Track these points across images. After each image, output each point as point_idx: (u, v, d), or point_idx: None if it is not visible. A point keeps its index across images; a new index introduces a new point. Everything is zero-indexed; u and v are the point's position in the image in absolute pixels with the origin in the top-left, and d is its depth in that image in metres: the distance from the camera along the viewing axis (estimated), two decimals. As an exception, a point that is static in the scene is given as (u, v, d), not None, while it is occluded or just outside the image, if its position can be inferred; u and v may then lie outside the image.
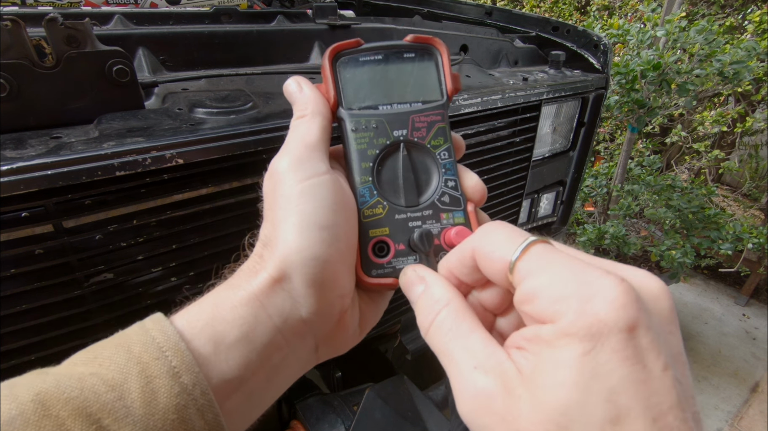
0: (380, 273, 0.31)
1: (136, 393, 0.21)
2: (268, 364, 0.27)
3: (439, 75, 0.35)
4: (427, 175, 0.33)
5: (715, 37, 1.59)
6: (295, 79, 0.34)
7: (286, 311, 0.27)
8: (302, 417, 0.67)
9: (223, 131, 0.42)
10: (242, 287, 0.27)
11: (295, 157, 0.29)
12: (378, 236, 0.31)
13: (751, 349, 2.22)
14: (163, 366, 0.23)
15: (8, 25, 0.35)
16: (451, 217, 0.32)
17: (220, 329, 0.25)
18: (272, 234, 0.28)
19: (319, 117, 0.31)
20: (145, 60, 0.55)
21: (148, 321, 0.25)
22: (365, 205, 0.31)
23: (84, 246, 0.41)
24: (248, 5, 0.89)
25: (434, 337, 0.25)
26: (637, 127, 1.83)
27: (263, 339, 0.26)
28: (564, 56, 0.85)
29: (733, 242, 1.84)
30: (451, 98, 0.35)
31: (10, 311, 0.38)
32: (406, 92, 0.34)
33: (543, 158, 0.89)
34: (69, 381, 0.21)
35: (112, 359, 0.23)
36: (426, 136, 0.33)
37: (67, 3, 0.75)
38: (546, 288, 0.21)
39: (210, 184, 0.45)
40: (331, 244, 0.28)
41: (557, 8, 3.42)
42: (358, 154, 0.32)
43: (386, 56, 0.34)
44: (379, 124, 0.33)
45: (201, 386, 0.23)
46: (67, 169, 0.35)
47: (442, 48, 0.35)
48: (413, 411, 0.70)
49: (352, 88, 0.33)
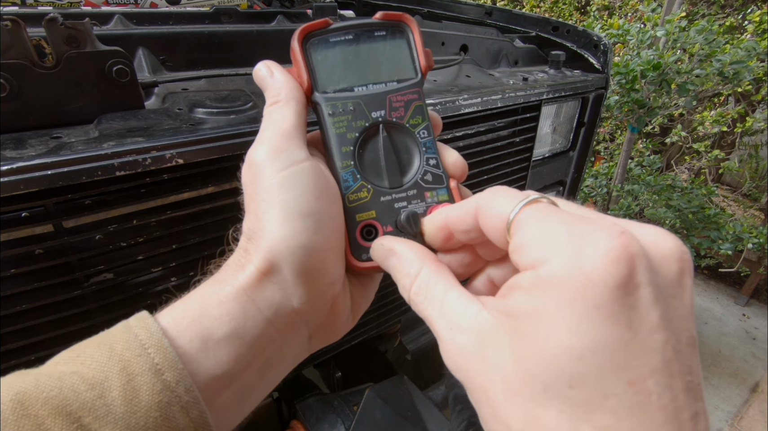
0: (370, 257, 0.31)
1: (117, 391, 0.21)
2: (261, 358, 0.26)
3: (411, 52, 0.34)
4: (409, 155, 0.33)
5: (715, 37, 1.59)
6: (264, 64, 0.33)
7: (276, 303, 0.27)
8: (302, 417, 0.67)
9: (223, 131, 0.42)
10: (228, 282, 0.26)
11: (272, 146, 0.28)
12: (365, 220, 0.31)
13: (751, 349, 2.22)
14: (145, 363, 0.22)
15: (8, 25, 0.35)
16: (435, 195, 0.32)
17: (208, 325, 0.25)
18: (256, 227, 0.27)
19: (293, 102, 0.30)
20: (145, 60, 0.55)
21: (132, 319, 0.25)
22: (349, 189, 0.31)
23: (84, 246, 0.41)
24: (248, 5, 0.89)
25: (415, 305, 0.26)
26: (637, 127, 1.83)
27: (253, 333, 0.26)
28: (564, 56, 0.85)
29: (733, 242, 1.84)
30: (425, 75, 0.34)
31: (10, 311, 0.38)
32: (380, 72, 0.33)
33: (543, 158, 0.89)
34: (48, 380, 0.21)
35: (93, 357, 0.22)
36: (404, 116, 0.33)
37: (67, 3, 0.75)
38: (534, 236, 0.20)
39: (210, 184, 0.45)
40: (316, 231, 0.27)
41: (557, 8, 3.42)
42: (338, 138, 0.31)
43: (357, 35, 0.33)
44: (356, 106, 0.32)
45: (185, 383, 0.22)
46: (67, 169, 0.35)
47: (413, 24, 0.34)
48: (413, 411, 0.70)
49: (325, 71, 0.32)
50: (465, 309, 0.22)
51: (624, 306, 0.18)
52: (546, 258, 0.19)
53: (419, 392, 0.74)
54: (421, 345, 0.85)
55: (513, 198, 0.23)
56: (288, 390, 0.73)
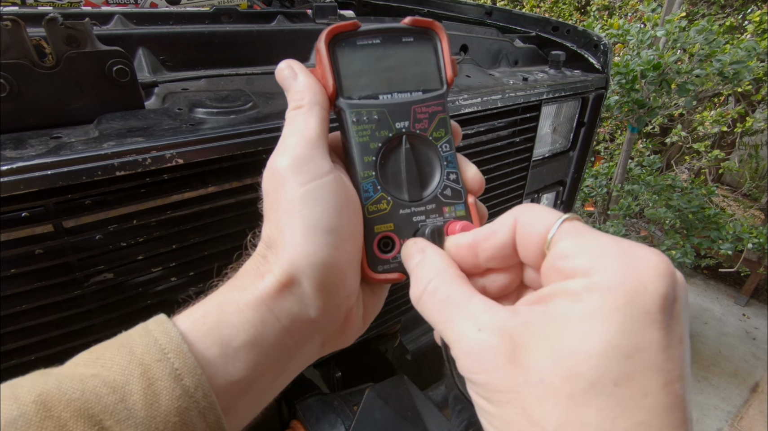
0: (386, 269, 0.31)
1: (138, 395, 0.21)
2: (278, 365, 0.27)
3: (438, 61, 0.33)
4: (430, 168, 0.32)
5: (715, 37, 1.59)
6: (288, 64, 0.31)
7: (294, 313, 0.27)
8: (302, 417, 0.67)
9: (223, 131, 0.42)
10: (248, 290, 0.26)
11: (296, 156, 0.28)
12: (383, 232, 0.31)
13: (751, 349, 2.22)
14: (165, 368, 0.22)
15: (8, 25, 0.35)
16: (453, 210, 0.32)
17: (227, 332, 0.25)
18: (276, 237, 0.27)
19: (317, 108, 0.30)
20: (145, 60, 0.55)
21: (151, 322, 0.25)
22: (369, 200, 0.31)
23: (84, 246, 0.41)
24: (248, 5, 0.89)
25: (427, 304, 0.25)
26: (637, 127, 1.83)
27: (271, 341, 0.26)
28: (564, 56, 0.85)
29: (733, 242, 1.84)
30: (450, 85, 0.33)
31: (10, 311, 0.38)
32: (405, 80, 0.32)
33: (543, 158, 0.89)
34: (71, 382, 0.21)
35: (114, 360, 0.22)
36: (428, 128, 0.32)
37: (67, 3, 0.75)
38: (585, 247, 0.22)
39: (210, 184, 0.45)
40: (337, 247, 0.27)
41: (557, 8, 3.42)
42: (360, 147, 0.31)
43: (384, 40, 0.32)
44: (380, 115, 0.31)
45: (203, 388, 0.23)
46: (67, 169, 0.35)
47: (442, 32, 0.33)
48: (413, 411, 0.70)
49: (351, 75, 0.31)
50: (494, 313, 0.23)
51: (666, 315, 0.20)
52: (600, 266, 0.21)
53: (419, 392, 0.74)
54: (421, 345, 0.85)
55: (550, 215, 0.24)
56: (288, 390, 0.73)
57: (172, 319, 0.25)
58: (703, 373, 2.06)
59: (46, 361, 0.42)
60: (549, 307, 0.21)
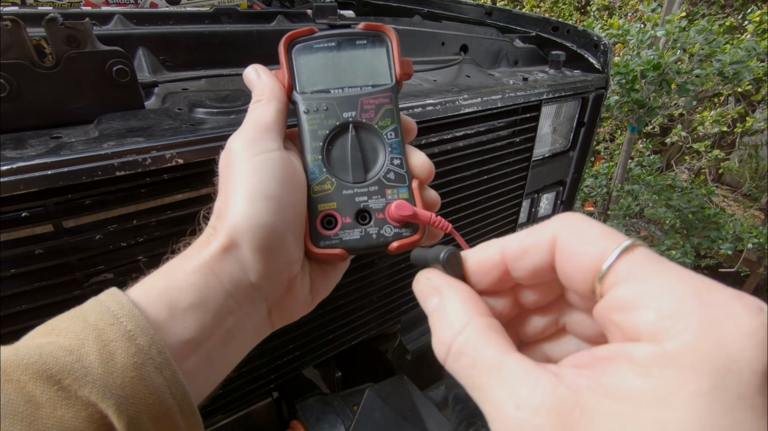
0: (327, 245, 0.33)
1: (94, 356, 0.22)
2: (223, 327, 0.28)
3: (389, 60, 0.36)
4: (374, 154, 0.35)
5: (715, 37, 1.59)
6: (253, 67, 0.36)
7: (236, 276, 0.28)
8: (302, 417, 0.67)
9: (223, 131, 0.42)
10: (194, 257, 0.28)
11: (249, 137, 0.31)
12: (326, 210, 0.33)
13: (751, 349, 2.22)
14: (119, 330, 0.23)
15: (8, 25, 0.35)
16: (396, 193, 0.34)
17: (175, 295, 0.26)
18: (224, 206, 0.30)
19: (274, 101, 0.33)
20: (145, 60, 0.55)
21: (102, 294, 0.26)
22: (315, 181, 0.33)
23: (84, 246, 0.41)
24: (248, 5, 0.89)
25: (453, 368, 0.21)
26: (637, 127, 1.83)
27: (216, 303, 0.28)
28: (564, 56, 0.85)
29: (733, 242, 1.84)
30: (400, 82, 0.36)
31: (10, 311, 0.38)
32: (356, 76, 0.36)
33: (543, 158, 0.89)
34: (27, 350, 0.22)
35: (68, 329, 0.24)
36: (374, 117, 0.35)
37: (67, 3, 0.75)
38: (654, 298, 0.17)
39: (210, 184, 0.45)
40: (276, 212, 0.29)
41: (557, 8, 3.42)
42: (310, 134, 0.34)
43: (339, 43, 0.36)
44: (329, 106, 0.35)
45: (157, 346, 0.24)
46: (67, 169, 0.35)
47: (392, 35, 0.36)
48: (413, 411, 0.70)
49: (306, 73, 0.35)
50: (534, 383, 0.18)
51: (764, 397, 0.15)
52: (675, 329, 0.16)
53: (419, 392, 0.74)
54: (421, 345, 0.85)
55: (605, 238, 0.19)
56: (288, 390, 0.73)
57: (124, 290, 0.27)
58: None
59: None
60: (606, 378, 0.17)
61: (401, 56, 0.36)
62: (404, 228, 0.34)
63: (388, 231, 0.33)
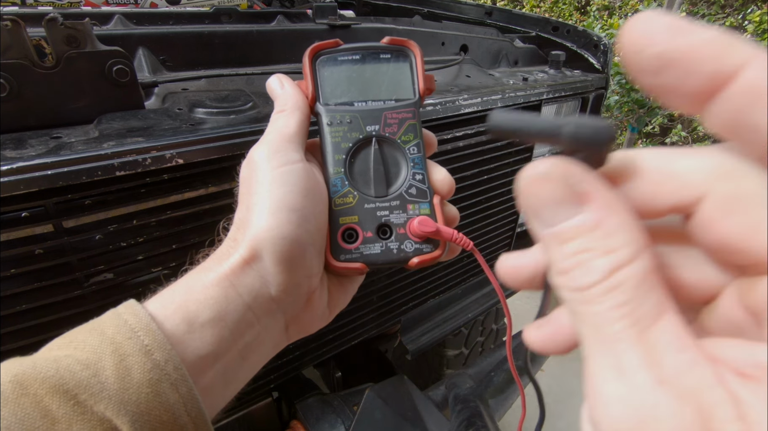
0: (348, 258, 0.33)
1: (110, 370, 0.22)
2: (241, 341, 0.28)
3: (412, 75, 0.36)
4: (397, 168, 0.35)
5: (715, 37, 1.59)
6: (277, 77, 0.35)
7: (255, 289, 0.28)
8: (302, 417, 0.67)
9: (223, 131, 0.42)
10: (213, 269, 0.28)
11: (272, 147, 0.31)
12: (347, 223, 0.33)
13: (751, 349, 2.22)
14: (136, 344, 0.23)
15: (8, 25, 0.35)
16: (417, 208, 0.34)
17: (193, 309, 0.26)
18: (246, 217, 0.29)
19: (297, 112, 0.33)
20: (145, 60, 0.55)
21: (120, 307, 0.26)
22: (337, 194, 0.33)
23: (84, 246, 0.41)
24: (248, 5, 0.89)
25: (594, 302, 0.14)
26: (637, 127, 1.83)
27: (234, 317, 0.27)
28: (564, 56, 0.85)
29: (733, 242, 1.84)
30: (423, 97, 0.36)
31: (10, 311, 0.38)
32: (380, 90, 0.36)
33: (543, 158, 0.89)
34: (45, 362, 0.22)
35: (86, 342, 0.24)
36: (397, 132, 0.35)
37: (67, 3, 0.75)
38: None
39: (210, 184, 0.45)
40: (299, 225, 0.29)
41: (557, 8, 3.42)
42: (333, 146, 0.34)
43: (363, 56, 0.36)
44: (353, 119, 0.35)
45: (173, 362, 0.24)
46: (67, 169, 0.35)
47: (416, 50, 0.36)
48: (413, 411, 0.70)
49: (330, 85, 0.35)
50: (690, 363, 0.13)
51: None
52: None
53: (419, 392, 0.74)
54: (421, 345, 0.85)
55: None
56: (288, 390, 0.73)
57: (142, 303, 0.26)
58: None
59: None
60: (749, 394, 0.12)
61: (424, 71, 0.36)
62: (425, 243, 0.33)
63: (409, 246, 0.33)
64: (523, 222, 0.93)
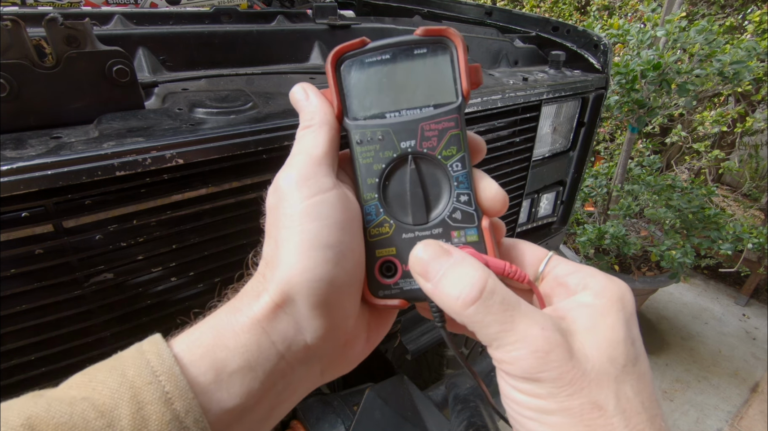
0: (387, 294, 0.30)
1: (126, 420, 0.21)
2: (272, 392, 0.26)
3: (454, 72, 0.30)
4: (438, 190, 0.31)
5: (715, 37, 1.59)
6: (302, 86, 0.32)
7: (290, 337, 0.26)
8: (302, 417, 0.67)
9: (223, 131, 0.42)
10: (243, 311, 0.26)
11: (301, 173, 0.28)
12: (385, 256, 0.30)
13: (751, 349, 2.22)
14: (156, 391, 0.22)
15: (8, 25, 0.35)
16: (464, 235, 0.30)
17: (222, 356, 0.24)
18: (274, 254, 0.27)
19: (325, 127, 0.30)
20: (145, 60, 0.55)
21: (145, 343, 0.24)
22: (371, 223, 0.30)
23: (84, 246, 0.41)
24: (248, 5, 0.89)
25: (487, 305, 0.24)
26: (637, 127, 1.83)
27: (266, 367, 0.25)
28: (564, 56, 0.85)
29: (733, 242, 1.84)
30: (467, 97, 0.31)
31: (10, 311, 0.38)
32: (416, 95, 0.31)
33: (543, 158, 0.89)
34: (60, 405, 0.21)
35: (105, 383, 0.22)
36: (437, 146, 0.30)
37: (67, 3, 0.75)
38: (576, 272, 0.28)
39: (210, 184, 0.45)
40: (336, 263, 0.26)
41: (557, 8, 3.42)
42: (364, 168, 0.30)
43: (394, 55, 0.30)
44: (385, 135, 0.30)
45: (194, 413, 0.22)
46: (67, 169, 0.35)
47: (458, 39, 0.30)
48: (413, 411, 0.70)
49: (358, 96, 0.31)
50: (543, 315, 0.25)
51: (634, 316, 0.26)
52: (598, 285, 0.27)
53: (419, 392, 0.74)
54: (421, 345, 0.85)
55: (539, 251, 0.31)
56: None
57: (167, 341, 0.25)
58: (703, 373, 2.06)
59: (46, 361, 0.42)
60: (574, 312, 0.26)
61: (467, 64, 0.30)
62: None
63: None
64: (523, 223, 0.93)
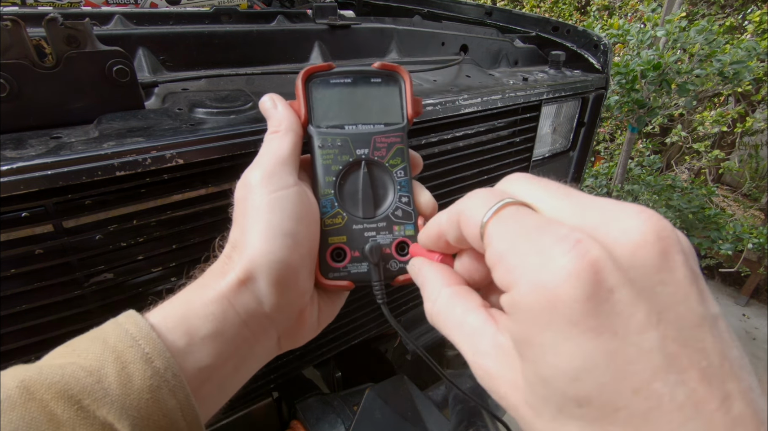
0: (336, 276, 0.34)
1: (113, 377, 0.24)
2: (237, 354, 0.30)
3: (401, 100, 0.38)
4: (384, 191, 0.36)
5: (715, 37, 1.59)
6: (270, 97, 0.37)
7: (251, 308, 0.30)
8: (302, 417, 0.67)
9: (223, 131, 0.42)
10: (212, 286, 0.30)
11: (267, 171, 0.32)
12: (336, 243, 0.35)
13: (751, 349, 2.22)
14: (137, 353, 0.25)
15: (8, 25, 0.35)
16: (403, 229, 0.36)
17: (194, 324, 0.28)
18: (241, 239, 0.31)
19: (291, 133, 0.34)
20: (145, 60, 0.55)
21: (120, 317, 0.28)
22: (326, 214, 0.35)
23: (84, 246, 0.41)
24: (248, 5, 0.89)
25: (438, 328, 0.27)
26: (637, 127, 1.83)
27: (232, 332, 0.29)
28: (564, 56, 0.85)
29: (733, 242, 1.84)
30: (411, 121, 0.38)
31: (10, 311, 0.38)
32: (370, 114, 0.37)
33: (543, 158, 0.89)
34: (50, 369, 0.23)
35: (89, 350, 0.25)
36: (385, 156, 0.36)
37: (67, 3, 0.75)
38: (502, 254, 0.20)
39: (210, 184, 0.45)
40: (293, 249, 0.30)
41: (557, 8, 3.42)
42: (323, 168, 0.35)
43: (355, 79, 0.37)
44: (343, 142, 0.36)
45: (172, 369, 0.25)
46: (67, 169, 0.35)
47: (406, 76, 0.38)
48: (413, 411, 0.70)
49: (322, 108, 0.36)
50: (483, 333, 0.23)
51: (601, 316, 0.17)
52: (515, 280, 0.19)
53: (419, 392, 0.74)
54: (421, 345, 0.85)
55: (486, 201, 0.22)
56: (288, 390, 0.73)
57: (143, 314, 0.28)
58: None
59: (46, 361, 0.42)
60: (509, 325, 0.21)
61: (413, 96, 0.38)
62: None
63: (394, 266, 0.35)
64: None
